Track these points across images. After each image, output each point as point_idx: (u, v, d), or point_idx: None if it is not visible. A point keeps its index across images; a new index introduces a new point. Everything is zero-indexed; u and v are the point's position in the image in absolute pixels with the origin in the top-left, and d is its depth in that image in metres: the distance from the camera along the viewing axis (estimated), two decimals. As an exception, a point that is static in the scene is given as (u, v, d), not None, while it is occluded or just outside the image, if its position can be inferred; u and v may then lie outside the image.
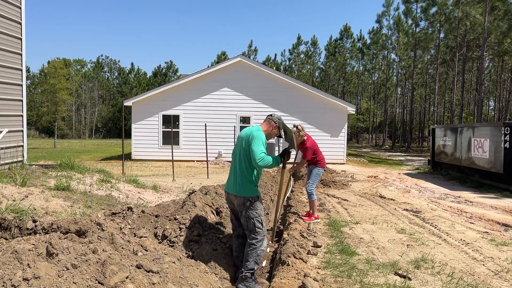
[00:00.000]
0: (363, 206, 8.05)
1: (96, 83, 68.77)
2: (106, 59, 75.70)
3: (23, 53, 8.89)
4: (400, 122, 43.83)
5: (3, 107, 8.25)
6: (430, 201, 9.07)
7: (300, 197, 8.71)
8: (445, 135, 14.70)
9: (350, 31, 54.67)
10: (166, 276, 3.04)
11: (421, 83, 43.65)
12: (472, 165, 12.32)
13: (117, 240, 3.17)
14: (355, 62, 55.74)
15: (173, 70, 72.03)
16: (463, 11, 25.79)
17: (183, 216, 4.67)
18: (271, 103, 18.56)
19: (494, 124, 11.42)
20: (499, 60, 33.98)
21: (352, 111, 18.92)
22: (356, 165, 18.42)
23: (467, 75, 36.87)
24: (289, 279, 3.66)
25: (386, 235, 5.74)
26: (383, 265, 4.35)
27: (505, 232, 6.18)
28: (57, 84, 32.65)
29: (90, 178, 7.91)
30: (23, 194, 5.32)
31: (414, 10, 34.66)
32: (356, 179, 12.93)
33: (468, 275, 4.12)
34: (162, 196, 7.93)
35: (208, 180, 11.64)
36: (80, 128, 64.41)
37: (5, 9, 8.28)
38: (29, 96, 51.16)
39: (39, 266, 2.55)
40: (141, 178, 10.25)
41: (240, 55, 18.83)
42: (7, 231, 3.92)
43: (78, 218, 3.84)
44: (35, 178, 6.88)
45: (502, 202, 9.04)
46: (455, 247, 5.21)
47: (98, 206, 5.80)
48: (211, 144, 16.73)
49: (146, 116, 18.30)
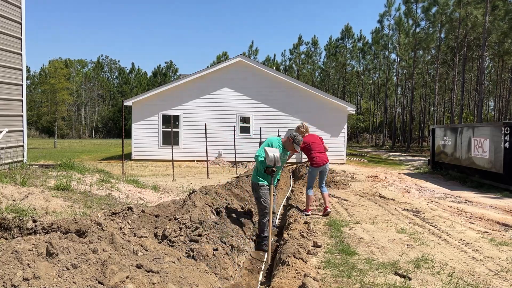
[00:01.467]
0: (363, 206, 8.05)
1: (96, 83, 68.78)
2: (106, 59, 75.79)
3: (23, 53, 8.88)
4: (400, 122, 43.83)
5: (3, 107, 8.25)
6: (430, 201, 9.07)
7: (300, 197, 8.72)
8: (445, 135, 14.70)
9: (351, 31, 54.71)
10: (166, 276, 3.04)
11: (421, 83, 43.65)
12: (472, 165, 12.31)
13: (117, 240, 3.17)
14: (355, 62, 55.79)
15: (173, 70, 72.08)
16: (464, 11, 25.78)
17: (183, 216, 4.66)
18: (271, 103, 18.56)
19: (494, 124, 11.42)
20: (499, 60, 33.97)
21: (352, 111, 18.92)
22: (356, 165, 18.42)
23: (467, 75, 36.85)
24: (289, 279, 3.66)
25: (386, 235, 5.74)
26: (383, 265, 4.35)
27: (505, 232, 6.18)
28: (57, 84, 32.66)
29: (90, 178, 7.91)
30: (23, 194, 5.32)
31: (414, 10, 34.69)
32: (356, 179, 12.93)
33: (468, 275, 4.12)
34: (162, 196, 7.93)
35: (208, 180, 11.64)
36: (80, 128, 64.40)
37: (5, 9, 8.28)
38: (29, 96, 51.14)
39: (39, 266, 2.55)
40: (141, 178, 10.25)
41: (240, 55, 18.83)
42: (7, 231, 3.92)
43: (78, 218, 3.84)
44: (35, 178, 6.88)
45: (502, 202, 9.04)
46: (455, 247, 5.21)
47: (98, 206, 5.80)
48: (211, 144, 16.73)
49: (146, 116, 18.31)
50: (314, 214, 7.12)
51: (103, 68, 74.17)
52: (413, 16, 34.81)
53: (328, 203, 7.22)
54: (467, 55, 28.71)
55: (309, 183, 7.15)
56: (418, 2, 33.76)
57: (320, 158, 7.09)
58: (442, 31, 31.62)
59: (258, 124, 18.30)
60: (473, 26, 26.26)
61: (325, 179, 7.34)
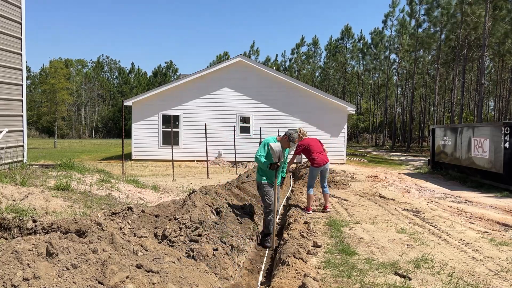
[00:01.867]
0: (363, 206, 8.05)
1: (96, 83, 68.77)
2: (106, 59, 75.78)
3: (23, 53, 8.88)
4: (400, 122, 43.83)
5: (3, 107, 8.25)
6: (430, 201, 9.07)
7: (300, 197, 8.73)
8: (445, 135, 14.70)
9: (351, 32, 54.78)
10: (166, 276, 3.04)
11: (421, 83, 43.65)
12: (472, 165, 12.31)
13: (117, 240, 3.17)
14: (355, 62, 55.80)
15: (173, 70, 72.11)
16: (466, 11, 25.77)
17: (183, 216, 4.66)
18: (271, 103, 18.55)
19: (494, 124, 11.41)
20: (499, 60, 33.97)
21: (352, 111, 18.92)
22: (356, 165, 18.42)
23: (467, 75, 36.86)
24: (289, 279, 3.66)
25: (386, 235, 5.74)
26: (383, 265, 4.35)
27: (505, 232, 6.18)
28: (57, 84, 32.63)
29: (90, 178, 7.91)
30: (23, 194, 5.32)
31: (418, 11, 34.76)
32: (356, 179, 12.93)
33: (468, 275, 4.12)
34: (162, 196, 7.93)
35: (208, 180, 11.64)
36: (80, 128, 64.39)
37: (5, 9, 8.28)
38: (29, 96, 51.15)
39: (39, 266, 2.55)
40: (141, 178, 10.25)
41: (240, 55, 18.83)
42: (7, 231, 3.92)
43: (78, 218, 3.84)
44: (35, 178, 6.87)
45: (502, 202, 9.04)
46: (455, 247, 5.21)
47: (98, 206, 5.80)
48: (211, 144, 16.73)
49: (146, 116, 18.30)
50: (314, 214, 7.13)
51: (103, 68, 74.18)
52: (416, 17, 34.87)
53: (329, 203, 7.46)
54: (468, 55, 28.70)
55: (310, 183, 7.36)
56: (422, 3, 33.81)
57: (320, 159, 7.30)
58: (443, 31, 31.64)
59: (258, 124, 18.30)
60: (474, 27, 26.24)
61: (326, 178, 7.53)
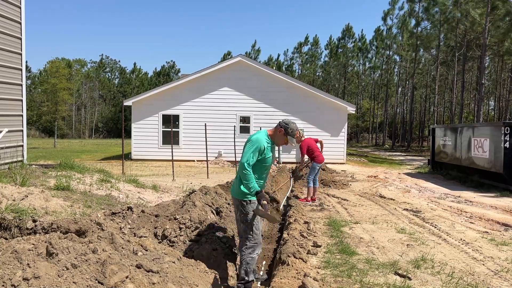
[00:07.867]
0: (363, 206, 8.05)
1: (97, 83, 68.73)
2: (107, 59, 75.74)
3: (23, 53, 8.87)
4: (400, 122, 43.82)
5: (3, 107, 8.25)
6: (430, 201, 9.07)
7: (301, 197, 8.72)
8: (445, 135, 14.69)
9: (352, 31, 54.75)
10: (166, 275, 3.04)
11: (421, 83, 43.64)
12: (472, 165, 12.31)
13: (117, 240, 3.17)
14: (356, 61, 55.78)
15: (175, 70, 72.18)
16: (463, 11, 25.76)
17: (183, 216, 4.66)
18: (271, 103, 18.55)
19: (494, 124, 11.42)
20: (499, 60, 33.95)
21: (352, 110, 18.91)
22: (356, 165, 18.42)
23: (467, 75, 36.83)
24: (289, 279, 3.66)
25: (386, 234, 5.74)
26: (383, 264, 4.35)
27: (505, 232, 6.18)
28: (58, 84, 32.58)
29: (90, 178, 7.91)
30: (23, 194, 5.32)
31: (417, 10, 34.74)
32: (356, 179, 12.92)
33: (468, 275, 4.12)
34: (162, 196, 7.92)
35: (208, 180, 11.64)
36: (80, 128, 64.36)
37: (5, 9, 8.27)
38: (29, 96, 51.13)
39: (39, 266, 2.55)
40: (141, 177, 10.24)
41: (240, 55, 18.83)
42: (7, 231, 3.92)
43: (78, 218, 3.84)
44: (35, 178, 6.87)
45: (502, 202, 9.04)
46: (455, 246, 5.21)
47: (98, 206, 5.79)
48: (211, 144, 16.71)
49: (146, 116, 18.29)
50: (314, 214, 7.13)
51: (105, 68, 74.16)
52: (415, 16, 34.85)
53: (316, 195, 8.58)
54: (467, 54, 28.69)
55: (313, 176, 8.32)
56: (420, 1, 33.78)
57: (321, 157, 8.36)
58: (442, 30, 31.64)
59: (258, 124, 18.29)
60: (472, 26, 26.24)
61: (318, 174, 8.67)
